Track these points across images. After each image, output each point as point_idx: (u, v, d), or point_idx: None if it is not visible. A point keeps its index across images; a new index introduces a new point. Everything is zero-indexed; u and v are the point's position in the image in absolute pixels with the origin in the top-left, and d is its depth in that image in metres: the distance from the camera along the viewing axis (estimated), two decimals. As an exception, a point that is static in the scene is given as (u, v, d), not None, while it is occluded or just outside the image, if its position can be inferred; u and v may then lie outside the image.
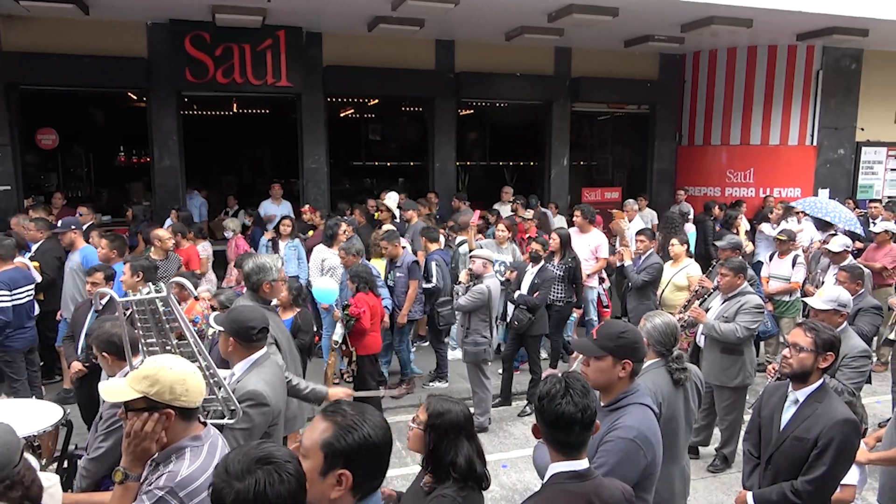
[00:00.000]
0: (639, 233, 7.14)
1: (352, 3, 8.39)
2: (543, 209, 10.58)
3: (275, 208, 9.67)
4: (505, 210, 10.31)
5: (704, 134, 11.87)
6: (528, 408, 6.69)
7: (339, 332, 5.77)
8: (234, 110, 14.38)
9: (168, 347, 2.62)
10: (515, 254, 7.90)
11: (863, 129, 11.73)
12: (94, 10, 8.54)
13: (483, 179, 15.22)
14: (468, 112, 13.57)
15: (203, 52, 9.29)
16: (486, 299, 6.05)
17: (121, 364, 3.26)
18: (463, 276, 6.27)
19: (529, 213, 8.84)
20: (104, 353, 3.36)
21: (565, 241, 7.09)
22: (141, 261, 5.49)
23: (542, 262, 6.71)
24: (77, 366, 4.81)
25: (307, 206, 9.40)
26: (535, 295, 6.50)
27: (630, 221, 8.94)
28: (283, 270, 4.29)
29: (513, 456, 5.72)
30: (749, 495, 3.13)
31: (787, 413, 3.10)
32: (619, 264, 7.37)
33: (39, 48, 8.80)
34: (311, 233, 8.48)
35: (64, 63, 8.86)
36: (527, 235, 8.22)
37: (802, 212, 9.27)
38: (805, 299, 4.37)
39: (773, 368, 4.16)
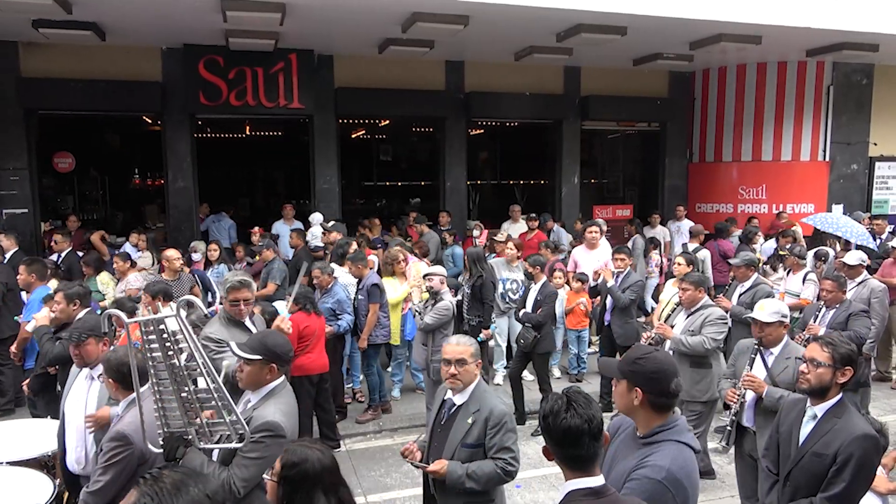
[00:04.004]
0: (616, 251, 7.06)
1: (362, 25, 8.51)
2: (559, 226, 10.61)
3: (286, 229, 9.74)
4: (515, 229, 10.32)
5: (716, 150, 11.85)
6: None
7: None
8: (248, 132, 14.57)
9: (176, 369, 2.59)
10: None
11: (875, 144, 11.66)
12: (110, 37, 8.73)
13: (494, 198, 15.25)
14: (478, 132, 13.65)
15: (216, 76, 9.44)
16: (452, 315, 6.09)
17: (126, 392, 3.20)
18: (416, 296, 6.21)
19: (503, 236, 8.72)
20: (111, 379, 3.28)
21: (474, 259, 7.07)
22: (156, 284, 5.56)
23: (544, 279, 6.78)
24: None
25: (256, 228, 9.42)
26: (538, 312, 6.51)
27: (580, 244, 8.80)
28: (243, 291, 4.19)
29: (527, 476, 5.65)
30: (768, 513, 3.08)
31: (806, 428, 3.05)
32: (593, 283, 7.32)
33: (57, 74, 9.00)
34: (258, 257, 8.26)
35: (81, 88, 9.03)
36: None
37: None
38: (750, 314, 4.32)
39: (732, 393, 4.17)
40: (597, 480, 2.12)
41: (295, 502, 2.29)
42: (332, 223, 8.73)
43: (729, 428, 4.23)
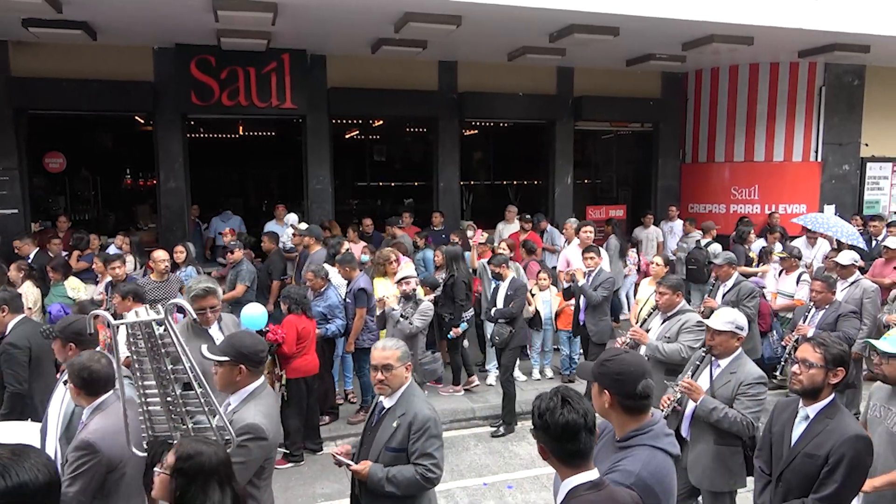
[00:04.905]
0: (586, 250, 7.03)
1: (355, 25, 8.48)
2: (552, 227, 10.63)
3: (279, 229, 9.69)
4: (509, 229, 10.32)
5: (708, 151, 11.87)
6: (501, 428, 6.63)
7: None
8: (240, 133, 14.50)
9: (162, 373, 2.56)
10: (519, 272, 7.88)
11: (867, 145, 11.71)
12: (101, 36, 8.67)
13: (487, 198, 15.23)
14: (472, 132, 13.63)
15: (208, 76, 9.40)
16: (433, 314, 6.15)
17: (89, 399, 3.09)
18: (392, 301, 6.17)
19: (483, 237, 8.85)
20: (73, 384, 3.14)
21: (451, 258, 7.27)
22: (126, 284, 5.51)
23: (512, 275, 6.85)
24: None
25: (227, 229, 9.36)
26: (510, 306, 6.60)
27: (569, 243, 8.79)
28: (210, 298, 4.14)
29: (518, 476, 5.65)
30: (760, 514, 3.07)
31: (798, 429, 3.05)
32: (566, 285, 7.34)
33: (48, 73, 8.93)
34: (239, 252, 7.96)
35: (72, 88, 8.97)
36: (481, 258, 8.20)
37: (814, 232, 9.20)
38: (704, 320, 4.11)
39: (666, 398, 3.91)
40: (594, 473, 2.16)
41: (188, 495, 2.22)
42: (304, 226, 8.66)
43: None
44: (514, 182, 14.89)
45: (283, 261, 8.41)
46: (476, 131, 13.60)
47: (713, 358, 3.90)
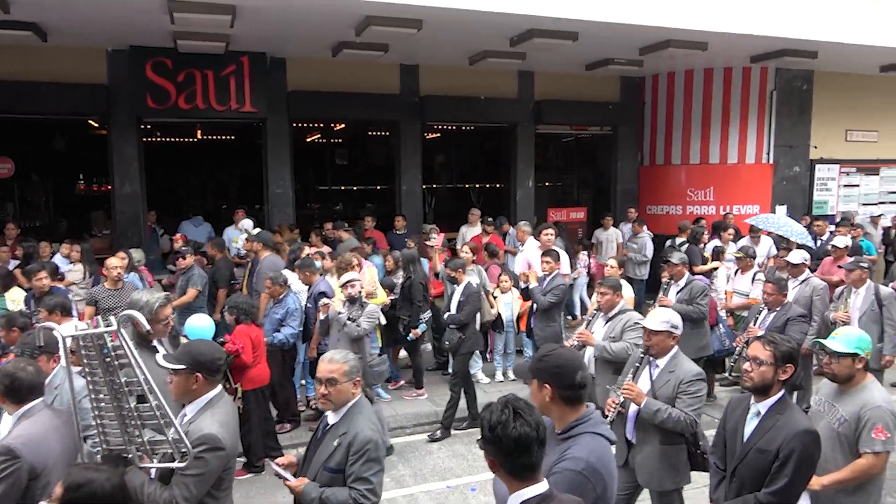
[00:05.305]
0: (544, 254, 6.98)
1: (315, 28, 8.43)
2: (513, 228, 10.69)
3: (238, 235, 9.55)
4: (472, 232, 10.36)
5: (665, 154, 12.13)
6: (438, 432, 6.62)
7: None
8: (199, 136, 14.26)
9: (116, 385, 2.50)
10: (481, 275, 7.93)
11: (816, 147, 12.10)
12: (52, 38, 8.43)
13: (450, 201, 15.28)
14: (434, 135, 13.66)
15: (164, 79, 9.21)
16: (379, 316, 6.17)
17: (15, 406, 3.02)
18: (338, 305, 6.11)
19: (438, 241, 8.86)
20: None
21: (407, 260, 7.37)
22: (52, 298, 5.30)
23: (467, 281, 6.82)
24: None
25: (178, 235, 9.20)
26: (461, 312, 6.61)
27: (524, 244, 8.87)
28: (168, 308, 4.04)
29: (482, 479, 5.67)
30: (715, 509, 3.15)
31: (750, 425, 3.14)
32: (524, 286, 7.43)
33: (-5, 76, 8.65)
34: (190, 258, 7.69)
35: (22, 90, 8.70)
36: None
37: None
38: (640, 321, 4.15)
39: (611, 402, 3.91)
40: (544, 485, 2.13)
41: None
42: (256, 231, 8.55)
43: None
44: (477, 185, 14.99)
45: (230, 268, 8.23)
46: (438, 134, 13.64)
47: (651, 358, 3.95)
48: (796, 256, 7.00)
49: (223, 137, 14.36)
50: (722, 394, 7.53)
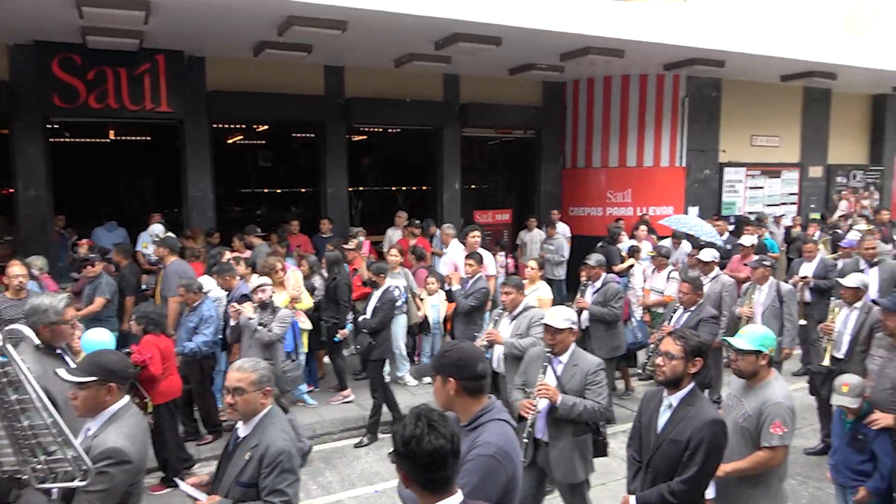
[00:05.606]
0: (468, 256, 6.99)
1: (235, 27, 8.21)
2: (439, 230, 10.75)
3: (149, 240, 9.17)
4: (399, 234, 10.37)
5: (586, 157, 12.52)
6: (365, 439, 6.60)
7: None
8: (112, 137, 13.62)
9: (6, 404, 2.35)
10: (408, 278, 7.94)
11: (724, 151, 12.79)
12: (-56, 30, 7.87)
13: (377, 204, 15.23)
14: (361, 137, 13.58)
15: (73, 76, 8.74)
16: (292, 320, 6.13)
17: None
18: (249, 310, 5.99)
19: (353, 244, 8.77)
20: None
21: (331, 262, 7.39)
22: None
23: (386, 286, 6.71)
24: None
25: (83, 241, 8.85)
26: (374, 318, 6.52)
27: (448, 246, 8.97)
28: (68, 312, 3.83)
29: (388, 487, 5.66)
30: (632, 499, 3.28)
31: (663, 417, 3.28)
32: (447, 288, 7.52)
33: None
34: (98, 265, 7.35)
35: None
36: (353, 268, 8.16)
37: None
38: (545, 320, 4.15)
39: (528, 404, 3.95)
40: (458, 497, 2.09)
41: None
42: (164, 236, 8.26)
43: (526, 441, 3.93)
44: (404, 188, 15.00)
45: (137, 275, 7.89)
46: (365, 137, 13.58)
47: (553, 356, 4.08)
48: (707, 255, 7.39)
49: (139, 138, 13.78)
50: (640, 388, 7.84)
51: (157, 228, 9.22)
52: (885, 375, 4.19)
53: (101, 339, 4.72)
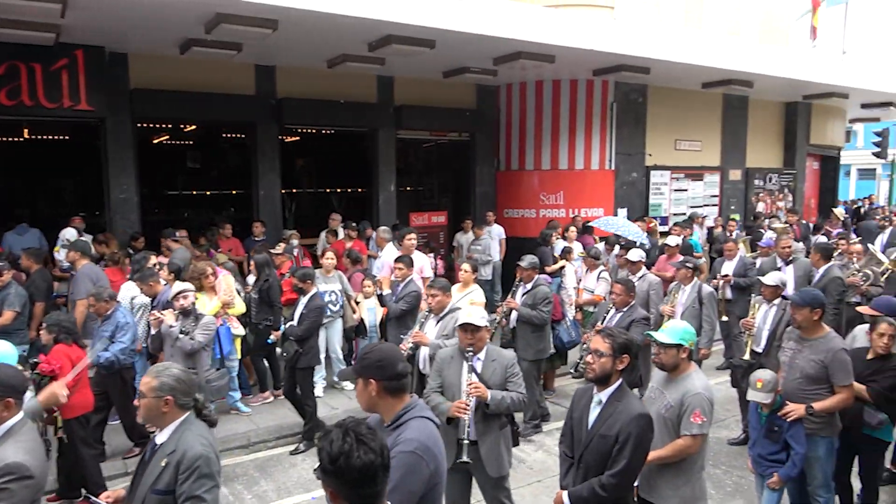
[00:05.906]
0: (397, 260, 6.96)
1: (160, 23, 7.92)
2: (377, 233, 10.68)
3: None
4: (333, 237, 10.25)
5: (520, 159, 12.73)
6: (301, 445, 6.54)
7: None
8: (26, 136, 12.89)
9: None
10: (343, 282, 7.88)
11: (650, 155, 13.26)
12: None
13: (311, 206, 15.01)
14: (294, 139, 13.36)
15: (-19, 71, 8.24)
16: (217, 329, 6.07)
17: None
18: (170, 318, 5.81)
19: (280, 248, 8.58)
20: None
21: (260, 265, 7.41)
22: None
23: (313, 292, 6.61)
24: None
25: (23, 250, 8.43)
26: (300, 326, 6.43)
27: (382, 249, 8.94)
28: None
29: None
30: (565, 494, 3.37)
31: (593, 413, 3.39)
32: (378, 293, 7.54)
33: None
34: (7, 274, 6.84)
35: None
36: (280, 272, 8.00)
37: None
38: (463, 319, 4.18)
39: (463, 405, 3.92)
40: None
41: None
42: (75, 239, 7.90)
43: (466, 441, 3.89)
44: (339, 189, 14.85)
45: (47, 280, 7.48)
46: (298, 138, 13.36)
47: (473, 354, 4.13)
48: (634, 255, 7.66)
49: (56, 137, 13.10)
50: (574, 385, 8.03)
51: (69, 233, 8.76)
52: (795, 366, 4.45)
53: (3, 351, 4.33)
